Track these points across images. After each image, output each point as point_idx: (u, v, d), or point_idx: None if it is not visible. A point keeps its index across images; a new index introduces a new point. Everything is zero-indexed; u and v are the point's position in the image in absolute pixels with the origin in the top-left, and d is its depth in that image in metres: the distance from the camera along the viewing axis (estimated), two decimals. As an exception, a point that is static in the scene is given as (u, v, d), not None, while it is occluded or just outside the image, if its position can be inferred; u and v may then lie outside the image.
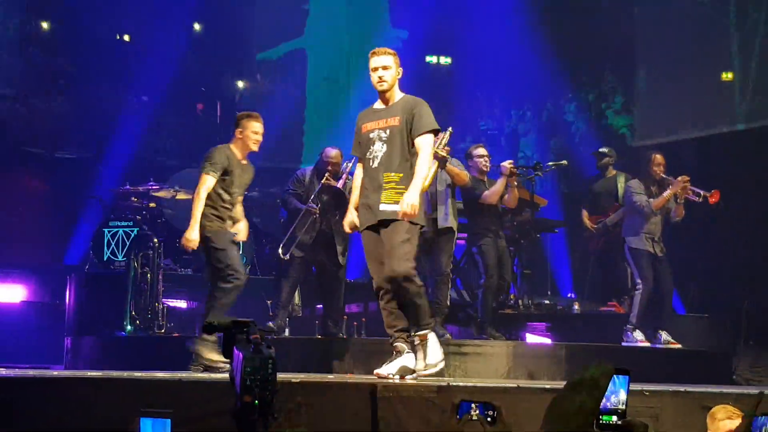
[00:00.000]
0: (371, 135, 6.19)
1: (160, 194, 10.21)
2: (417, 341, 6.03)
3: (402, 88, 6.31)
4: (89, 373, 6.03)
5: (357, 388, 5.20)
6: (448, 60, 15.98)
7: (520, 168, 9.32)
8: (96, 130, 13.98)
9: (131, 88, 14.43)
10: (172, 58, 14.30)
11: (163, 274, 9.35)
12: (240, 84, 16.08)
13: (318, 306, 9.59)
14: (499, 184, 8.65)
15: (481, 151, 8.90)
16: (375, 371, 6.03)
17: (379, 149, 6.13)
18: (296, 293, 9.47)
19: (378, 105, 6.31)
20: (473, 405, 4.42)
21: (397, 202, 5.96)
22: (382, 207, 6.05)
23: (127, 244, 9.90)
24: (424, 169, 6.01)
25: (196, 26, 16.02)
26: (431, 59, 15.93)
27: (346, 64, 16.13)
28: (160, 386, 5.10)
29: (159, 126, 14.60)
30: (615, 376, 2.82)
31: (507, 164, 8.71)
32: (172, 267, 10.08)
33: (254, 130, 7.20)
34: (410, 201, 5.88)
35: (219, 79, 15.49)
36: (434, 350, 6.05)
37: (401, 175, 6.05)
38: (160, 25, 14.75)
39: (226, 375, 3.22)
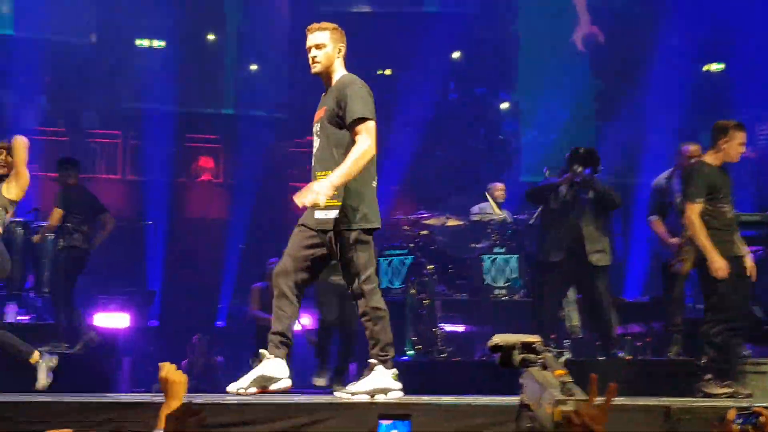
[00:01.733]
0: (314, 129, 5.34)
1: (431, 222, 10.41)
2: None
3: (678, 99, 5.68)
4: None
5: (647, 410, 5.06)
6: (721, 67, 15.43)
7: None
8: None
9: (396, 120, 14.89)
10: (433, 89, 14.63)
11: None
12: (504, 105, 16.24)
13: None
14: None
15: None
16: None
17: (315, 145, 5.31)
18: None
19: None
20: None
21: (330, 208, 5.07)
22: (317, 215, 5.19)
23: (403, 271, 10.15)
24: (349, 163, 4.97)
25: (455, 54, 16.33)
26: (706, 67, 15.52)
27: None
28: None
29: (425, 155, 14.97)
30: None
31: None
32: (447, 293, 10.24)
33: (740, 142, 6.69)
34: (317, 188, 4.92)
35: (481, 104, 15.69)
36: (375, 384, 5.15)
37: (328, 172, 5.09)
38: (418, 57, 15.13)
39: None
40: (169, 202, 14.67)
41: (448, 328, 9.81)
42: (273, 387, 5.16)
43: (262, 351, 5.24)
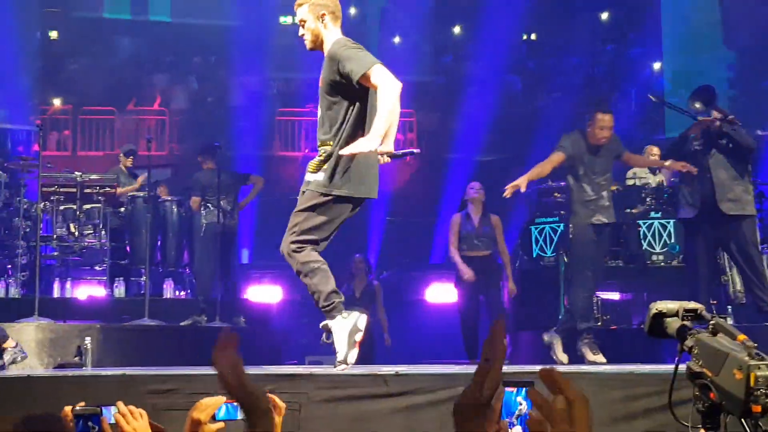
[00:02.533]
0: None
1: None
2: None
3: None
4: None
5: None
6: None
7: None
8: (512, 132, 14.30)
9: (543, 87, 14.59)
10: (581, 51, 14.25)
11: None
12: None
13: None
14: None
15: None
16: None
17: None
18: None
19: None
20: None
21: (314, 171, 5.00)
22: (306, 177, 5.11)
23: (554, 239, 9.94)
24: (382, 109, 4.75)
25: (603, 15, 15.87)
26: None
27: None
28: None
29: (577, 119, 14.62)
30: None
31: None
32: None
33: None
34: (363, 140, 4.76)
35: (634, 65, 15.25)
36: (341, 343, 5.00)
37: (327, 137, 5.01)
38: (564, 22, 14.77)
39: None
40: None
41: (604, 296, 9.54)
42: (359, 336, 5.02)
43: (324, 323, 5.11)
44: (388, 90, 4.76)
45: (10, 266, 9.55)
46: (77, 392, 4.00)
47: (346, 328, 4.99)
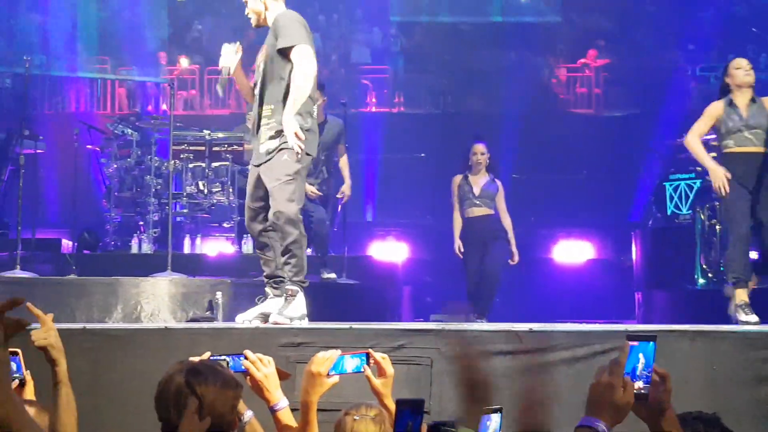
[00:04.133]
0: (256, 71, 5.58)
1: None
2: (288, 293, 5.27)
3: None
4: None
5: None
6: None
7: None
8: (645, 87, 13.95)
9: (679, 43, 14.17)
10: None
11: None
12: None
13: None
14: None
15: None
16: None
17: (257, 84, 5.50)
18: None
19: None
20: None
21: (273, 138, 5.25)
22: (262, 147, 5.34)
23: (690, 196, 9.59)
24: (296, 90, 5.19)
25: None
26: None
27: None
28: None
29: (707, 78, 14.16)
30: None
31: None
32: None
33: None
34: (289, 128, 5.14)
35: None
36: (299, 305, 5.26)
37: (270, 107, 5.33)
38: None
39: None
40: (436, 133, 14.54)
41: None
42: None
43: (266, 290, 5.51)
44: (306, 72, 5.20)
45: (142, 223, 9.77)
46: (211, 343, 4.01)
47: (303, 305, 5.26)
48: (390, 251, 11.06)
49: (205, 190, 9.92)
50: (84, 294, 6.92)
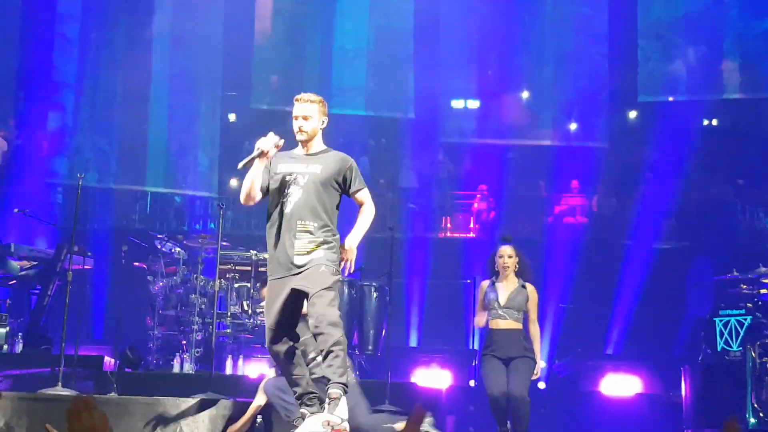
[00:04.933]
0: (287, 178, 5.82)
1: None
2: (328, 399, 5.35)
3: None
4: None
5: None
6: None
7: None
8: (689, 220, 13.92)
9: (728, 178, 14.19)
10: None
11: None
12: None
13: None
14: None
15: None
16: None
17: (296, 195, 5.78)
18: None
19: (297, 151, 5.98)
20: None
21: (310, 252, 5.60)
22: (297, 260, 5.63)
23: (741, 333, 9.39)
24: (365, 223, 5.89)
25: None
26: None
27: None
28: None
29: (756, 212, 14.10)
30: None
31: None
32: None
33: None
34: (353, 252, 5.78)
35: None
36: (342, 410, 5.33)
37: (314, 224, 5.70)
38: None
39: None
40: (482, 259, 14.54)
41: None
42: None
43: (302, 411, 5.64)
44: (373, 212, 5.92)
45: (185, 342, 9.73)
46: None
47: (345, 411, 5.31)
48: (433, 378, 10.89)
49: (249, 311, 9.90)
50: (124, 414, 6.85)
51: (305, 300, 5.58)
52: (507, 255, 7.51)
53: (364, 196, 5.92)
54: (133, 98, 15.92)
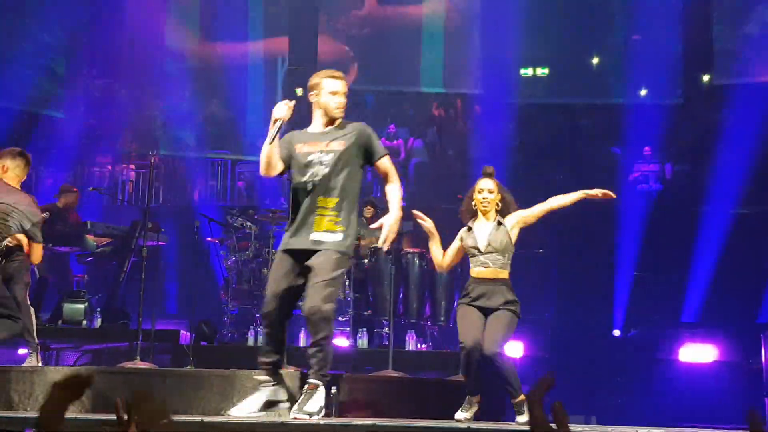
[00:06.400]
0: (310, 157, 5.63)
1: None
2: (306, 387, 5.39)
3: None
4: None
5: None
6: None
7: None
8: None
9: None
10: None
11: None
12: None
13: None
14: None
15: None
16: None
17: (320, 173, 5.58)
18: None
19: (315, 128, 5.79)
20: None
21: (331, 231, 5.46)
22: (315, 236, 5.48)
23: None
24: (398, 193, 5.68)
25: None
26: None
27: None
28: None
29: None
30: None
31: None
32: None
33: None
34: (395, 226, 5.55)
35: None
36: (319, 399, 5.36)
37: (337, 200, 5.54)
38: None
39: None
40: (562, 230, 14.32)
41: None
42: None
43: (257, 377, 5.72)
44: (397, 178, 5.72)
45: (258, 315, 9.80)
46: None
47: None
48: (507, 348, 10.82)
49: (321, 283, 9.92)
50: (201, 386, 6.92)
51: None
52: (488, 189, 6.35)
53: (387, 164, 5.66)
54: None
